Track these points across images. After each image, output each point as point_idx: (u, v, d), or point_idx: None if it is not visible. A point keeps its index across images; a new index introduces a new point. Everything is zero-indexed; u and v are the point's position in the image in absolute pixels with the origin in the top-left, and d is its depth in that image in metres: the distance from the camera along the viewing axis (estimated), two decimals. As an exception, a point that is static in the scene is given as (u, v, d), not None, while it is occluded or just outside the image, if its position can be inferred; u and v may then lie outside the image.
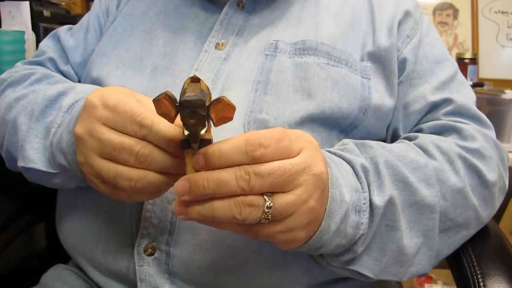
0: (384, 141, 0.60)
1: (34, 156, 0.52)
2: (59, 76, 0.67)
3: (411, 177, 0.49)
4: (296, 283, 0.52)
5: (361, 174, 0.47)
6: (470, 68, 1.44)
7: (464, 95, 0.61)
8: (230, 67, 0.57)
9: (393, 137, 0.61)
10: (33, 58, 0.71)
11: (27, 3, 1.30)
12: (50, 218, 0.66)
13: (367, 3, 0.64)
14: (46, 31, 1.29)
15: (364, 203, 0.46)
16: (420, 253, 0.50)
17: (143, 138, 0.41)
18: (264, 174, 0.36)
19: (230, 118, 0.36)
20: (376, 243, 0.48)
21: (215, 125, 0.37)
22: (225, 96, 0.36)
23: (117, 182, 0.42)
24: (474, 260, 0.54)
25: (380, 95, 0.58)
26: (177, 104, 0.36)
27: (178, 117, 0.37)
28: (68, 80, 0.66)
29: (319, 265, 0.51)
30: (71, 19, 1.40)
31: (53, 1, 1.39)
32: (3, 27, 1.31)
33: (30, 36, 1.29)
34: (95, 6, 0.74)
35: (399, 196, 0.48)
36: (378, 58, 0.60)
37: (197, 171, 0.37)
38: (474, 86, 1.33)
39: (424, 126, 0.60)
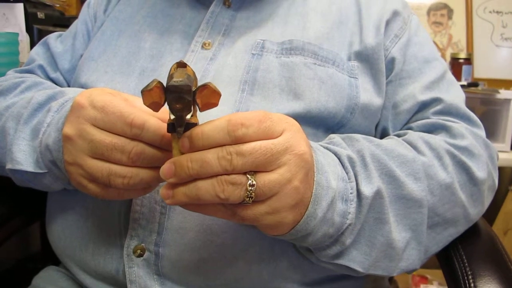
0: None
1: (21, 158, 0.52)
2: (49, 83, 0.67)
3: (398, 171, 0.49)
4: (286, 279, 0.52)
5: (347, 164, 0.47)
6: (464, 68, 1.44)
7: (454, 94, 0.62)
8: (217, 67, 0.57)
9: (382, 137, 0.61)
10: (23, 67, 0.72)
11: (21, 5, 1.30)
12: (44, 219, 0.66)
13: (354, 2, 0.64)
14: (40, 33, 1.29)
15: (351, 193, 0.46)
16: (409, 247, 0.50)
17: (134, 137, 0.42)
18: (245, 153, 0.37)
19: (215, 104, 0.37)
20: (364, 236, 0.48)
21: (201, 110, 0.38)
22: (211, 82, 0.37)
23: (110, 180, 0.43)
24: (465, 260, 0.54)
25: (368, 94, 0.58)
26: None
27: (163, 110, 0.38)
28: (58, 87, 0.66)
29: (309, 261, 0.51)
30: (66, 21, 1.40)
31: (48, 3, 1.39)
32: (-2, 29, 1.32)
33: (24, 38, 1.29)
34: (83, 11, 0.75)
35: (386, 190, 0.48)
36: (365, 57, 0.60)
37: (183, 154, 0.38)
38: (468, 86, 1.33)
39: (413, 125, 0.60)
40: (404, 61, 0.62)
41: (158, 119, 0.42)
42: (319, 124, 0.56)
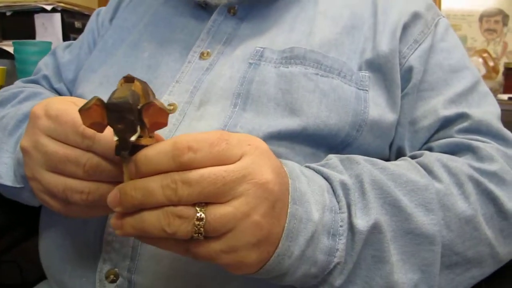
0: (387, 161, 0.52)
1: (2, 171, 0.51)
2: (48, 93, 0.65)
3: (405, 201, 0.41)
4: None
5: (340, 192, 0.40)
6: (520, 78, 1.30)
7: (485, 109, 0.53)
8: (211, 78, 0.53)
9: (398, 158, 0.54)
10: (30, 77, 0.71)
11: (59, 14, 1.33)
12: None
13: (371, 4, 0.57)
14: (77, 42, 1.31)
15: (341, 226, 0.39)
16: None
17: (88, 149, 0.39)
18: (192, 181, 0.31)
19: (164, 124, 0.33)
20: (360, 276, 0.41)
21: (149, 131, 0.33)
22: (157, 99, 0.33)
23: (68, 196, 0.39)
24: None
25: (379, 109, 0.51)
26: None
27: None
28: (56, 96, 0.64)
29: None
30: (103, 30, 1.42)
31: (85, 13, 1.41)
32: (37, 38, 1.35)
33: (60, 47, 1.31)
34: (91, 20, 0.73)
35: (390, 223, 0.41)
36: (377, 67, 0.53)
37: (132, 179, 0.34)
38: (524, 98, 1.20)
39: (434, 144, 0.52)
40: (425, 70, 0.54)
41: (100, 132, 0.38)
42: (319, 143, 0.49)
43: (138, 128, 0.32)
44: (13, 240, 0.70)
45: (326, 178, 0.41)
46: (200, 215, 0.32)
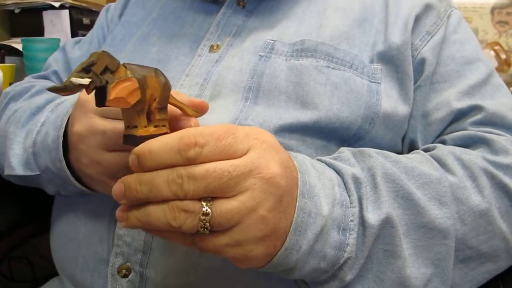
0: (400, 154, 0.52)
1: (14, 163, 0.52)
2: None
3: (419, 194, 0.41)
4: None
5: (351, 186, 0.40)
6: (532, 72, 1.28)
7: (499, 101, 0.52)
8: (221, 69, 0.52)
9: (411, 151, 0.53)
10: (40, 73, 0.71)
11: (67, 11, 1.33)
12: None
13: None
14: (85, 39, 1.31)
15: (351, 220, 0.38)
16: (431, 286, 0.41)
17: None
18: (198, 176, 0.31)
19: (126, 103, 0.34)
20: (372, 271, 0.40)
21: (107, 103, 0.33)
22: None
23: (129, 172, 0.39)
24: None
25: (391, 102, 0.51)
26: None
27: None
28: None
29: None
30: (111, 26, 1.42)
31: (93, 9, 1.41)
32: (46, 35, 1.35)
33: (69, 43, 1.31)
34: (101, 16, 0.73)
35: (402, 216, 0.40)
36: (389, 59, 0.52)
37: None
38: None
39: (447, 137, 0.51)
40: (438, 62, 0.53)
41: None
42: (331, 136, 0.49)
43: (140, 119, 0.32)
44: (24, 235, 0.70)
45: (338, 172, 0.41)
46: (206, 209, 0.31)
